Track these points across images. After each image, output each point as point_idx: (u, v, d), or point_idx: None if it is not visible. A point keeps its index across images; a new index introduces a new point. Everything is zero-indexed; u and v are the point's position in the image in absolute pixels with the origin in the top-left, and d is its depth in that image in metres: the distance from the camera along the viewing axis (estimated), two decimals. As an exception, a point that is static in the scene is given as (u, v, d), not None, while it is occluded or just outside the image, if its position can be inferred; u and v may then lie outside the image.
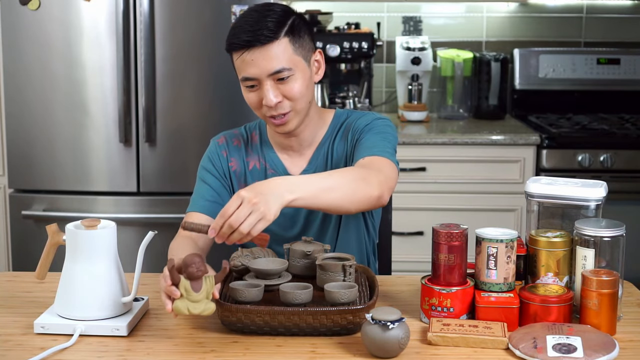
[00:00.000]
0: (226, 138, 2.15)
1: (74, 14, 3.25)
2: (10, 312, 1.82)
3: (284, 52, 1.92)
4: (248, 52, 1.91)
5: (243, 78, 1.95)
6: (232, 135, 2.16)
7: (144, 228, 3.21)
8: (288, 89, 1.94)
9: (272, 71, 1.92)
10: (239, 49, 1.93)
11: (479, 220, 3.22)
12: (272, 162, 2.11)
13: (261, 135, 2.15)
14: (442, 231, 1.74)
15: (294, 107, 1.97)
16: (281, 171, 2.10)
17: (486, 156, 3.64)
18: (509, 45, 4.20)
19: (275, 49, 1.91)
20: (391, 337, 1.57)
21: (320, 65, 2.05)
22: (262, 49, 1.91)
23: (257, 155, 2.12)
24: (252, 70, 1.92)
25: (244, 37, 1.91)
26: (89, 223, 1.72)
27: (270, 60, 1.91)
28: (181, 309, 1.62)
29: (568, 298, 1.71)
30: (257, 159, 2.12)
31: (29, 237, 3.34)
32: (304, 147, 2.10)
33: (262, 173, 2.11)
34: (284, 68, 1.93)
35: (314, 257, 1.89)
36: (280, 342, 1.67)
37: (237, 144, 2.14)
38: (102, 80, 3.28)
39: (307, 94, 1.99)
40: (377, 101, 4.23)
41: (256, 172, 2.11)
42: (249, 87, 1.96)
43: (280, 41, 1.92)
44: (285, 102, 1.96)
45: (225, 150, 2.13)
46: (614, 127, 3.80)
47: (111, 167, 3.33)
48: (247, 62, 1.92)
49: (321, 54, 2.05)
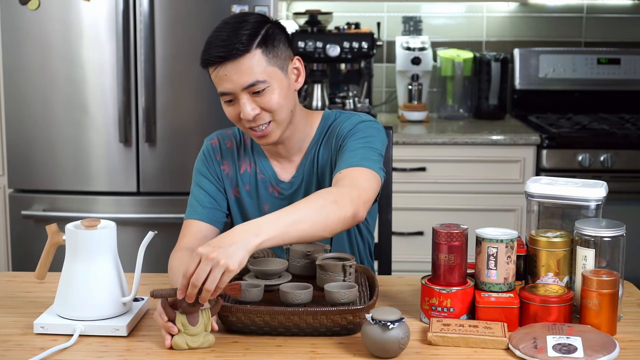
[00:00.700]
0: (219, 140, 2.13)
1: (74, 14, 3.25)
2: (10, 312, 1.82)
3: (258, 65, 1.89)
4: (221, 67, 1.89)
5: (220, 93, 1.93)
6: (225, 137, 2.14)
7: (144, 228, 3.21)
8: (265, 101, 1.91)
9: (246, 85, 1.89)
10: (211, 64, 1.91)
11: (479, 220, 3.22)
12: (262, 168, 2.09)
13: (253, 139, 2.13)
14: (442, 231, 1.74)
15: (274, 118, 1.94)
16: (271, 176, 2.08)
17: (486, 156, 3.64)
18: (509, 45, 4.20)
19: (248, 62, 1.88)
20: (391, 337, 1.57)
21: (300, 73, 2.01)
22: (235, 63, 1.87)
23: (248, 159, 2.11)
24: (227, 85, 1.90)
25: (215, 52, 1.89)
26: (89, 223, 1.72)
27: (244, 74, 1.88)
28: (180, 344, 1.63)
29: (568, 298, 1.71)
30: (248, 162, 2.10)
31: (29, 237, 3.34)
32: (293, 154, 2.08)
33: (252, 177, 2.09)
34: (258, 81, 1.89)
35: (314, 257, 1.90)
36: (280, 342, 1.67)
37: (230, 145, 2.12)
38: (102, 80, 3.28)
39: (287, 104, 1.95)
40: (377, 101, 4.23)
41: (247, 175, 2.09)
42: (227, 101, 1.94)
43: (253, 53, 1.88)
44: (264, 113, 1.93)
45: (218, 153, 2.11)
46: (614, 127, 3.80)
47: (111, 167, 3.33)
48: (222, 78, 1.90)
49: (300, 61, 2.01)
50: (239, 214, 2.11)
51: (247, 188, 2.09)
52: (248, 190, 2.09)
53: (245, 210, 2.10)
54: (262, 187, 2.08)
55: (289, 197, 2.06)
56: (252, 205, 2.09)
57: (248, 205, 2.09)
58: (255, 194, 2.09)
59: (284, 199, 2.06)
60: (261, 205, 2.08)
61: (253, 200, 2.09)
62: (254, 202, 2.09)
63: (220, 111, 1.98)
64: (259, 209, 2.08)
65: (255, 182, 2.08)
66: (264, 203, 2.08)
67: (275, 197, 2.07)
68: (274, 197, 2.07)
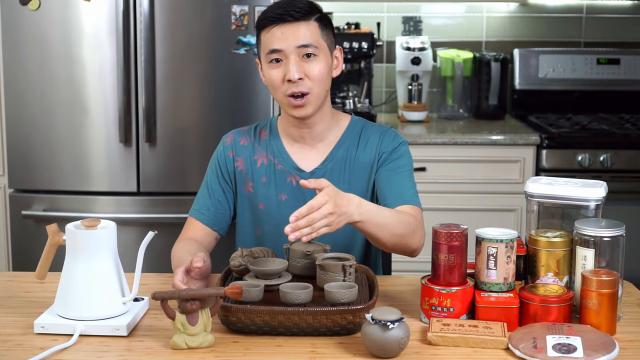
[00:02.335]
0: (234, 137, 2.18)
1: (74, 14, 3.25)
2: (10, 312, 1.82)
3: (313, 33, 2.00)
4: (279, 26, 1.99)
5: (270, 50, 2.00)
6: (241, 134, 2.18)
7: (144, 228, 3.21)
8: (311, 68, 2.00)
9: (300, 44, 1.98)
10: (269, 23, 2.00)
11: (479, 220, 3.22)
12: (280, 157, 2.12)
13: (271, 130, 2.17)
14: (442, 231, 1.74)
15: (312, 90, 2.01)
16: (290, 167, 2.11)
17: (486, 156, 3.64)
18: (509, 45, 4.20)
19: (305, 27, 2.00)
20: (391, 337, 1.57)
21: (339, 63, 2.11)
22: (293, 24, 1.99)
23: (264, 150, 2.14)
24: (281, 43, 1.99)
25: (276, 11, 1.99)
26: (89, 223, 1.72)
27: (300, 35, 1.99)
28: (179, 344, 1.63)
29: (568, 298, 1.71)
30: (265, 155, 2.14)
31: (29, 237, 3.34)
32: (316, 141, 2.12)
33: (270, 169, 2.12)
34: (311, 44, 2.00)
35: (314, 257, 1.90)
36: (280, 342, 1.67)
37: (244, 142, 2.16)
38: (102, 80, 3.28)
39: (325, 82, 2.04)
40: (377, 101, 4.23)
41: (264, 168, 2.13)
42: (274, 61, 2.01)
43: (311, 23, 2.01)
44: (307, 80, 2.01)
45: (231, 151, 2.16)
46: (614, 127, 3.80)
47: (111, 167, 3.33)
48: (277, 36, 1.99)
49: (341, 52, 2.12)
50: (248, 209, 2.14)
51: (264, 180, 2.12)
52: (264, 182, 2.12)
53: (259, 202, 2.12)
54: (280, 178, 2.11)
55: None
56: (267, 196, 2.12)
57: (263, 197, 2.12)
58: (273, 184, 2.11)
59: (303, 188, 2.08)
60: (278, 195, 2.11)
61: (270, 190, 2.12)
62: (270, 193, 2.12)
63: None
64: (276, 199, 2.11)
65: (273, 173, 2.12)
66: (281, 192, 2.11)
67: (293, 187, 2.10)
68: (292, 186, 2.10)
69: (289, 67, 1.99)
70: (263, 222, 2.12)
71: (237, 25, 3.24)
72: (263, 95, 3.27)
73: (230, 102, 3.28)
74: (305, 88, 2.00)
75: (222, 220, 2.14)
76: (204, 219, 2.12)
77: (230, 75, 3.27)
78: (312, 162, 2.12)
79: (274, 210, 2.10)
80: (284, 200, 2.10)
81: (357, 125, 2.16)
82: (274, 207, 2.10)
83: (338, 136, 2.13)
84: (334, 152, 2.12)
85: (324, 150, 2.13)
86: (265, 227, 2.12)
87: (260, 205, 2.12)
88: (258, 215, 2.12)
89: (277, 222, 2.07)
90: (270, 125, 2.18)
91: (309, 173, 2.10)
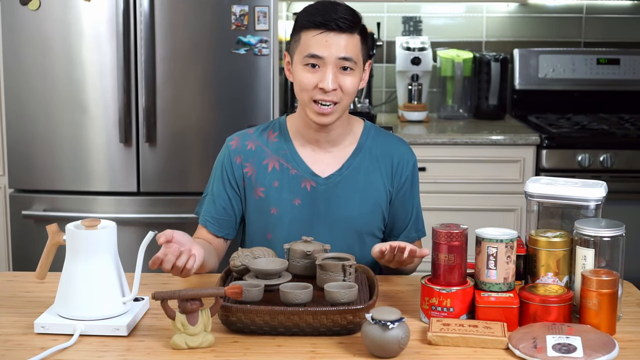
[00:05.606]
0: (240, 141, 2.14)
1: (74, 14, 3.25)
2: (10, 312, 1.82)
3: (355, 47, 2.02)
4: (325, 33, 1.98)
5: (309, 54, 1.99)
6: (247, 137, 2.15)
7: (144, 228, 3.21)
8: (345, 81, 2.01)
9: (341, 56, 1.99)
10: (316, 27, 1.99)
11: (479, 220, 3.20)
12: (293, 161, 2.10)
13: (281, 131, 2.14)
14: (442, 231, 1.74)
15: (342, 100, 2.03)
16: (305, 171, 2.10)
17: (486, 156, 3.64)
18: (509, 45, 4.20)
19: (350, 40, 2.00)
20: (391, 337, 1.57)
21: (366, 76, 2.11)
22: (340, 34, 1.99)
23: (275, 154, 2.12)
24: (323, 51, 1.99)
25: (325, 17, 1.98)
26: (89, 223, 1.72)
27: (342, 47, 1.99)
28: (179, 343, 1.63)
29: (568, 298, 1.71)
30: (275, 158, 2.11)
31: (29, 237, 3.34)
32: (330, 145, 2.11)
33: (283, 173, 2.10)
34: (351, 58, 2.01)
35: (314, 257, 1.90)
36: (280, 342, 1.67)
37: (252, 146, 2.13)
38: (102, 80, 3.28)
39: (354, 94, 2.06)
40: (377, 101, 4.23)
41: (275, 172, 2.11)
42: (310, 65, 2.00)
43: (355, 36, 2.02)
44: (339, 92, 2.01)
45: (238, 156, 2.12)
46: (614, 127, 3.80)
47: (111, 167, 3.33)
48: (321, 42, 1.98)
49: (369, 64, 2.12)
50: (258, 214, 2.12)
51: (276, 184, 2.10)
52: (277, 187, 2.10)
53: (271, 207, 2.10)
54: (294, 183, 2.09)
55: (324, 192, 2.10)
56: (280, 200, 2.10)
57: (275, 202, 2.10)
58: (287, 189, 2.10)
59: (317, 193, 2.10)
60: (292, 200, 2.09)
61: (283, 195, 2.10)
62: (284, 197, 2.10)
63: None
64: (290, 203, 2.09)
65: (286, 177, 2.10)
66: (295, 197, 2.09)
67: (307, 192, 2.09)
68: (307, 191, 2.09)
69: (325, 76, 1.99)
70: (274, 227, 2.10)
71: (237, 26, 3.24)
72: (263, 95, 3.28)
73: (230, 102, 3.28)
74: (336, 98, 2.01)
75: (228, 226, 2.14)
76: (209, 226, 2.13)
77: (230, 75, 3.27)
78: (327, 166, 2.11)
79: (286, 215, 2.09)
80: (298, 205, 2.09)
81: (370, 132, 2.16)
82: (287, 212, 2.09)
83: (353, 142, 2.13)
84: (351, 160, 2.11)
85: (339, 155, 2.12)
86: (277, 232, 2.09)
87: (272, 210, 2.10)
88: (269, 220, 2.10)
89: (289, 227, 2.07)
90: (280, 126, 2.15)
91: (325, 178, 2.10)
